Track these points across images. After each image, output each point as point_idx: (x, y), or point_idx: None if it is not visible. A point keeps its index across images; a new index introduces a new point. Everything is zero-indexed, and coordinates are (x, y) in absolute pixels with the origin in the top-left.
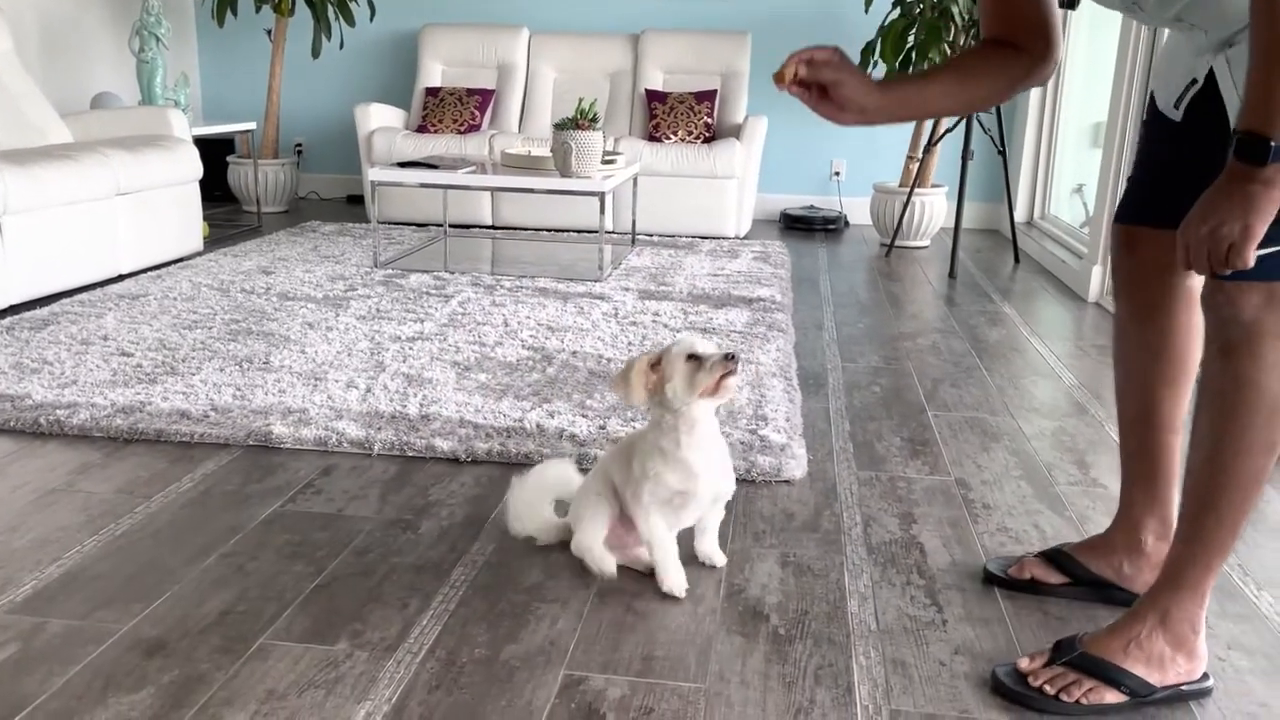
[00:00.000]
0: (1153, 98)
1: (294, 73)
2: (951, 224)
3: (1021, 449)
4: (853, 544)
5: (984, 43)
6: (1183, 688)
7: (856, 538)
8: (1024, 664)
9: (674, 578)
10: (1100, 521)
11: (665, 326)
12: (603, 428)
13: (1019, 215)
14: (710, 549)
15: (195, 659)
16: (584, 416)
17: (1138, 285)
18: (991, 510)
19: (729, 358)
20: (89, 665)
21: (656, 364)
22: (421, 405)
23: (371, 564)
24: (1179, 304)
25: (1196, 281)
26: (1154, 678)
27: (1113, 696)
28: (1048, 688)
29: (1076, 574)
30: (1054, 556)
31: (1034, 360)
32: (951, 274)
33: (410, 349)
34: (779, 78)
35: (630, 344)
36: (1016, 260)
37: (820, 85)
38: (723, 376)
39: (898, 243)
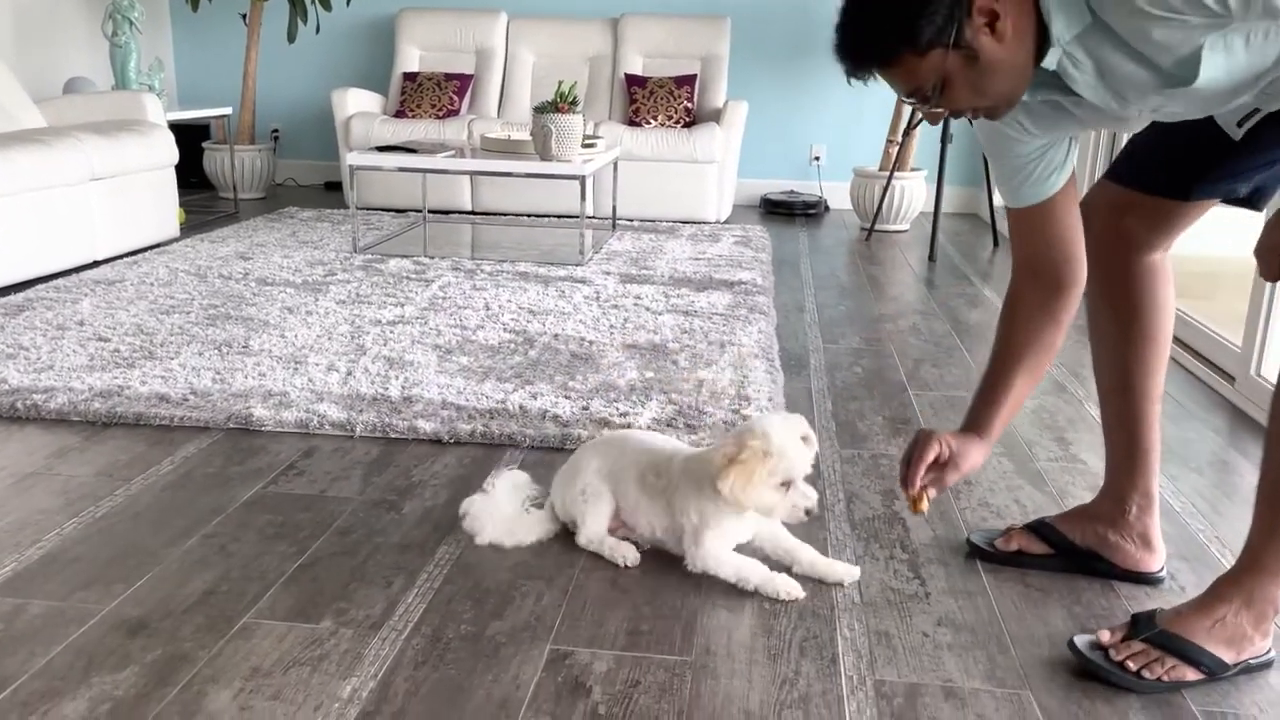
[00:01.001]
0: None
1: (270, 58)
2: (931, 208)
3: None
4: (836, 520)
5: (1020, 301)
6: (1250, 661)
7: (840, 514)
8: (1105, 637)
9: (783, 584)
10: (1081, 496)
11: (647, 309)
12: (585, 409)
13: (998, 199)
14: (830, 566)
15: (179, 638)
16: (566, 398)
17: (1100, 261)
18: (973, 486)
19: (808, 512)
20: (71, 645)
21: (766, 468)
22: (403, 388)
23: (355, 544)
24: (1143, 277)
25: (1159, 257)
26: (1230, 656)
27: (1191, 674)
28: (1130, 663)
29: (1061, 545)
30: (1038, 528)
31: None
32: (931, 257)
33: (391, 332)
34: (916, 509)
35: (612, 327)
36: (995, 243)
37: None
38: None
39: (878, 227)
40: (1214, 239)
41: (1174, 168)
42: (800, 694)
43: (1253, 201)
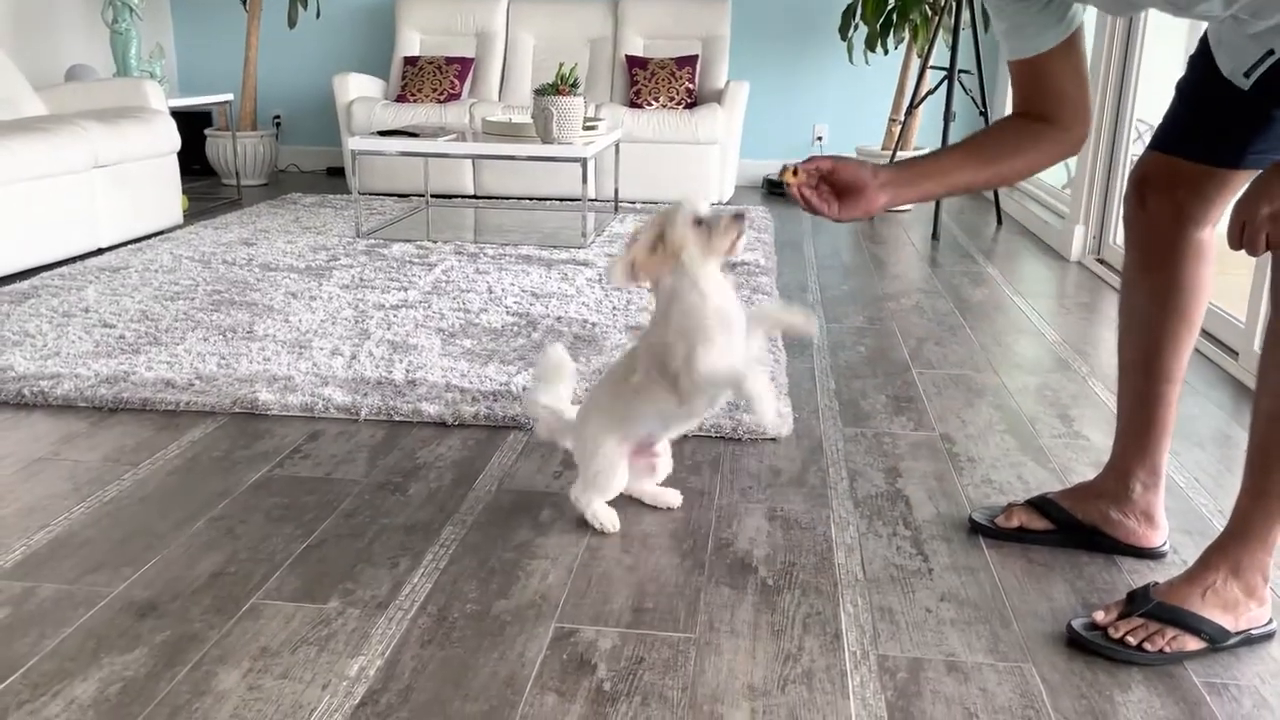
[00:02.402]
0: (1205, 44)
1: (270, 44)
2: None
3: (1005, 404)
4: (839, 498)
5: (1010, 118)
6: (1252, 632)
7: (843, 492)
8: (1100, 616)
9: (772, 408)
10: (1083, 472)
11: (650, 292)
12: (589, 390)
13: None
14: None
15: (187, 619)
16: None
17: (1149, 237)
18: (976, 463)
19: (738, 217)
20: (81, 627)
21: (658, 241)
22: (407, 371)
23: (361, 525)
24: (1189, 256)
25: (1207, 234)
26: (1229, 623)
27: (1193, 644)
28: (1130, 639)
29: (1063, 520)
30: (1040, 504)
31: (1017, 318)
32: (934, 236)
33: (394, 316)
34: (780, 179)
35: (615, 309)
36: (999, 222)
37: (829, 184)
38: (737, 235)
39: None
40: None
41: (1217, 135)
42: (804, 669)
43: None
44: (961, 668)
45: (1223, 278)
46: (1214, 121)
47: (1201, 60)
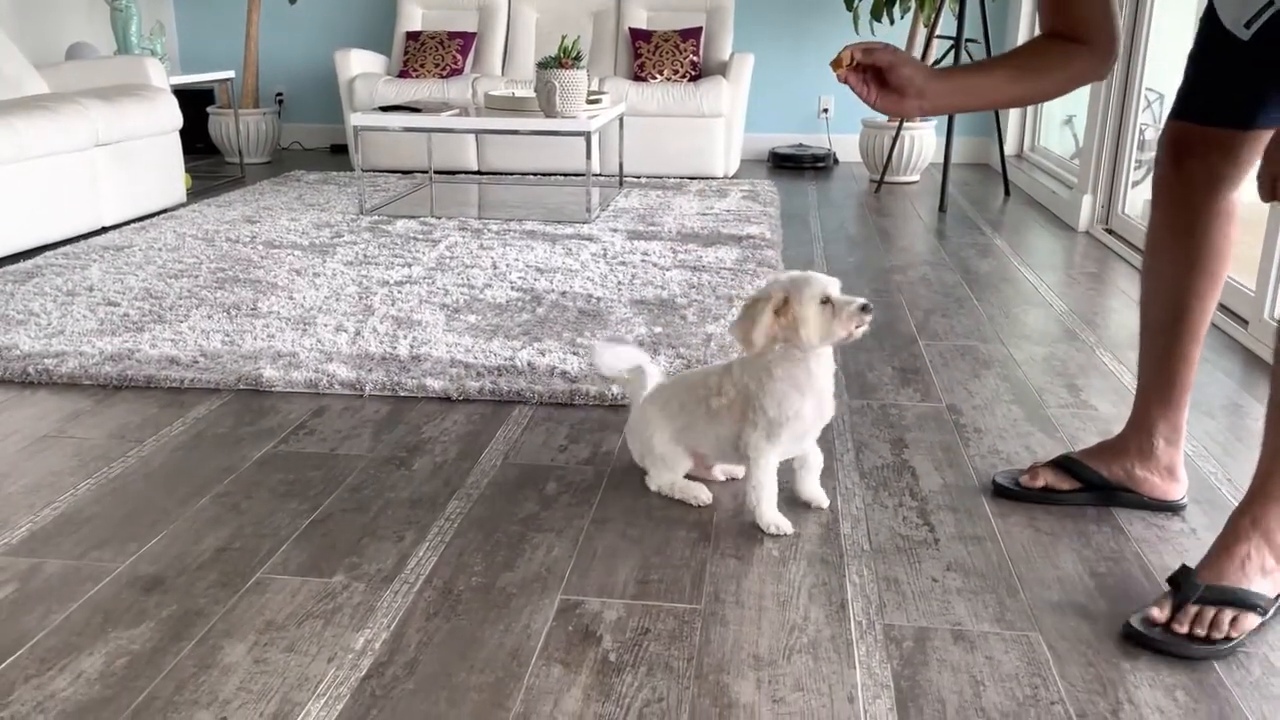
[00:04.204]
0: (1212, 6)
1: (271, 20)
2: (941, 158)
3: (1012, 375)
4: (845, 469)
5: (1043, 37)
6: None
7: (849, 463)
8: (1156, 613)
9: (773, 515)
10: (1090, 442)
11: (655, 265)
12: (593, 365)
13: (1009, 148)
14: (816, 491)
15: (193, 594)
16: (575, 354)
17: (1180, 200)
18: (983, 434)
19: (864, 309)
20: (87, 602)
21: (783, 307)
22: (412, 346)
23: (366, 500)
24: (1218, 219)
25: (1236, 195)
26: (1267, 587)
27: (1252, 619)
28: (1199, 631)
29: (1089, 479)
30: (1064, 463)
31: (1024, 289)
32: (942, 208)
33: (399, 292)
34: (836, 63)
35: (620, 283)
36: (1007, 193)
37: (878, 73)
38: (858, 326)
39: (887, 178)
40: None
41: (1233, 96)
42: (809, 639)
43: None
44: (968, 637)
45: (1236, 247)
46: (1229, 84)
47: (1209, 23)
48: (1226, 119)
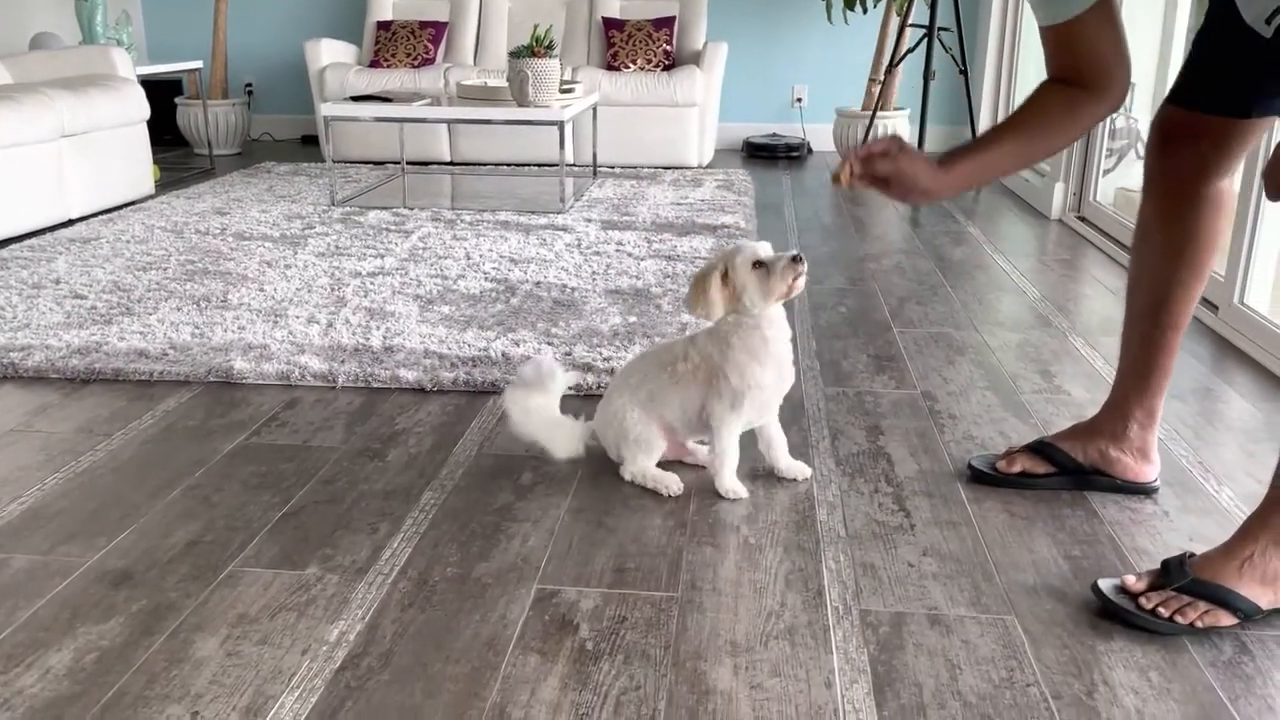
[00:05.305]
0: None
1: (240, 10)
2: (915, 147)
3: (986, 361)
4: (821, 456)
5: (1045, 87)
6: None
7: (825, 450)
8: (1131, 582)
9: (732, 483)
10: (1064, 426)
11: (629, 255)
12: (568, 354)
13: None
14: (790, 463)
15: (164, 588)
16: (549, 344)
17: (1167, 186)
18: (957, 420)
19: (796, 259)
20: (55, 598)
21: (725, 276)
22: (385, 338)
23: (339, 492)
24: (1206, 207)
25: (1227, 184)
26: (1265, 598)
27: (1227, 619)
28: (1162, 610)
29: (1063, 463)
30: (1039, 448)
31: (998, 276)
32: None
33: (371, 284)
34: (836, 180)
35: (594, 273)
36: None
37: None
38: (794, 278)
39: None
40: None
41: (1232, 85)
42: (786, 625)
43: None
44: (944, 621)
45: None
46: (1230, 72)
47: (1219, 10)
48: (1223, 107)
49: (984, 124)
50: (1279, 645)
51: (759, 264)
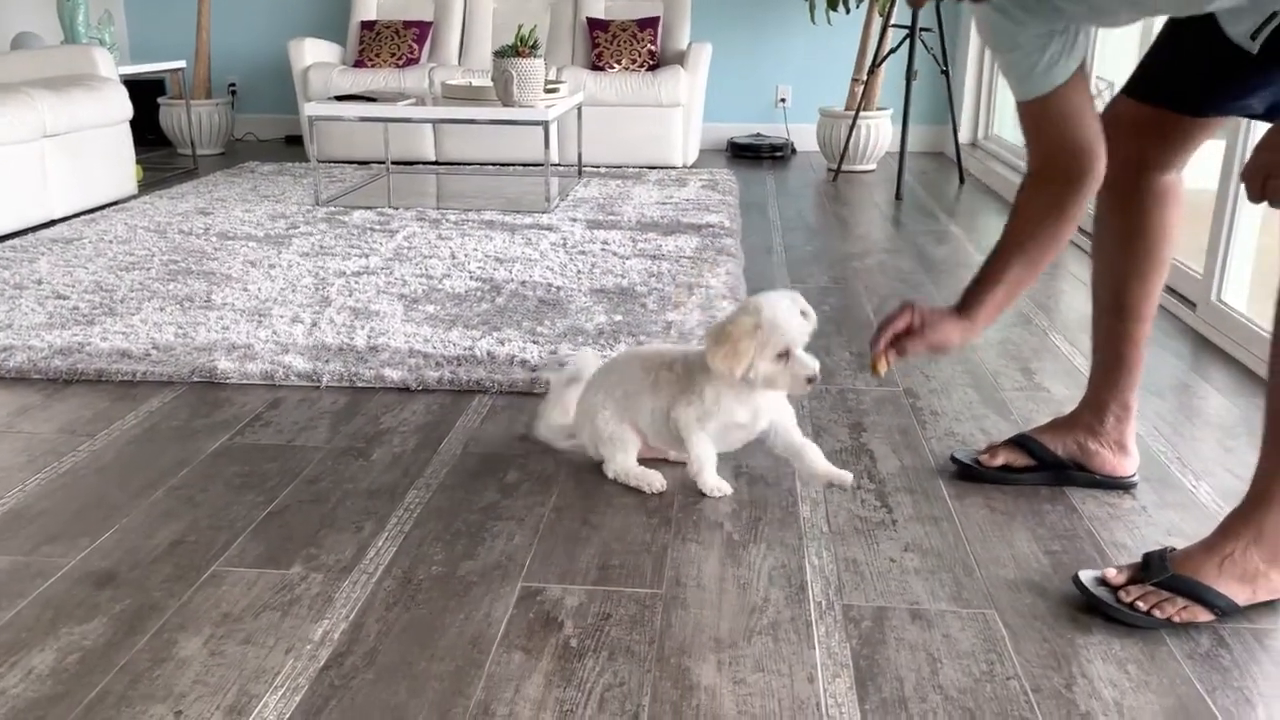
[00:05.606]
0: None
1: (223, 9)
2: (897, 147)
3: (968, 358)
4: None
5: (1028, 195)
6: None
7: None
8: (1112, 575)
9: (715, 481)
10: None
11: (615, 254)
12: (554, 353)
13: (963, 136)
14: (831, 471)
15: (147, 588)
16: (534, 343)
17: (1117, 177)
18: (939, 417)
19: (810, 380)
20: (38, 598)
21: (750, 341)
22: (369, 337)
23: (324, 491)
24: (1153, 200)
25: (1173, 178)
26: (1243, 595)
27: (1204, 615)
28: (1140, 604)
29: (1043, 456)
30: (1021, 441)
31: None
32: (898, 196)
33: (356, 283)
34: (875, 372)
35: (580, 272)
36: (961, 180)
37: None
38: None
39: (844, 167)
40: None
41: (1187, 83)
42: (770, 621)
43: (1270, 116)
44: (925, 615)
45: (1186, 233)
46: (1190, 71)
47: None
48: (1178, 103)
49: (965, 126)
50: (1255, 638)
51: (785, 353)
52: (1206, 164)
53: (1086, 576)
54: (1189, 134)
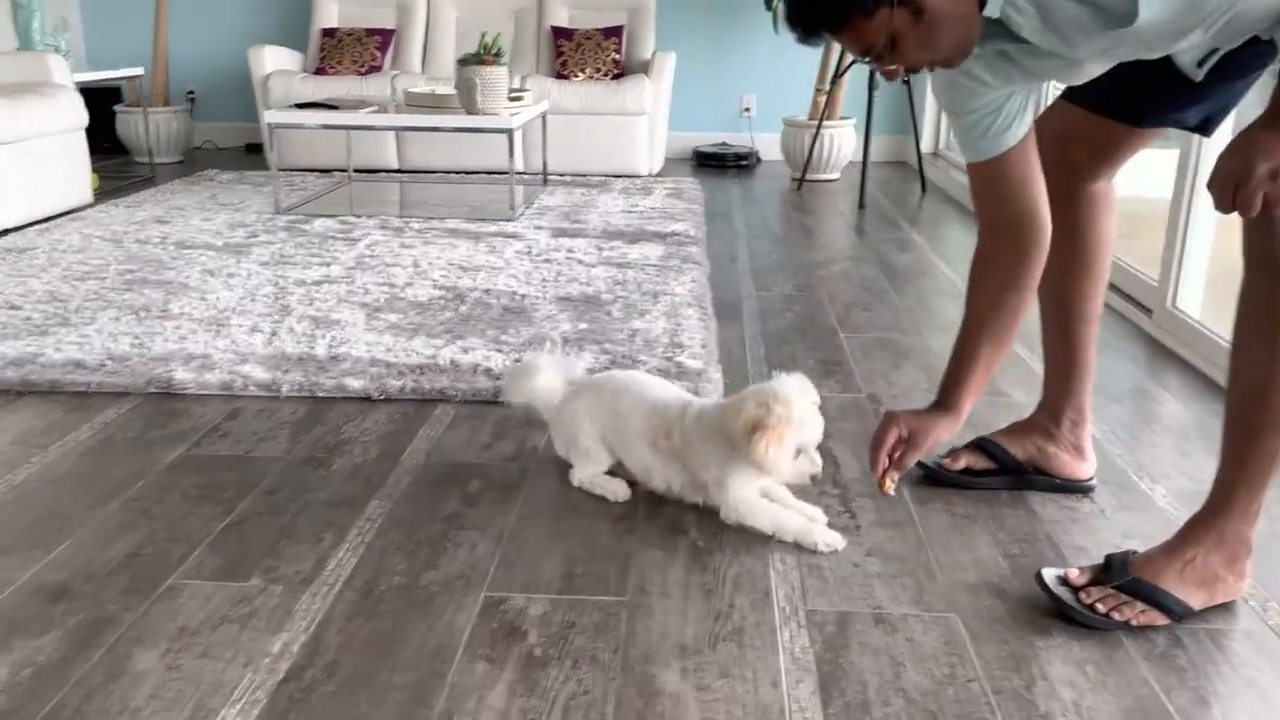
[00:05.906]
0: None
1: (182, 16)
2: (860, 157)
3: (930, 365)
4: None
5: (981, 271)
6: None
7: None
8: (1074, 575)
9: (822, 536)
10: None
11: (580, 262)
12: (518, 361)
13: (925, 146)
14: (824, 533)
15: (102, 601)
16: (499, 351)
17: (1051, 180)
18: None
19: (813, 479)
20: None
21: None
22: (330, 346)
23: (283, 502)
24: (1085, 206)
25: (1102, 186)
26: (1201, 599)
27: (1162, 620)
28: (1100, 606)
29: (1003, 460)
30: (981, 444)
31: (942, 282)
32: (861, 204)
33: (316, 292)
34: (883, 491)
35: (545, 280)
36: (924, 189)
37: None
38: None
39: (808, 176)
40: (1142, 180)
41: (1128, 93)
42: (734, 626)
43: (1203, 129)
44: (888, 619)
45: (1135, 241)
46: (1133, 81)
47: None
48: (1117, 111)
49: (927, 136)
50: (1210, 639)
51: (801, 452)
52: (1160, 173)
53: (1049, 575)
54: (1126, 143)
